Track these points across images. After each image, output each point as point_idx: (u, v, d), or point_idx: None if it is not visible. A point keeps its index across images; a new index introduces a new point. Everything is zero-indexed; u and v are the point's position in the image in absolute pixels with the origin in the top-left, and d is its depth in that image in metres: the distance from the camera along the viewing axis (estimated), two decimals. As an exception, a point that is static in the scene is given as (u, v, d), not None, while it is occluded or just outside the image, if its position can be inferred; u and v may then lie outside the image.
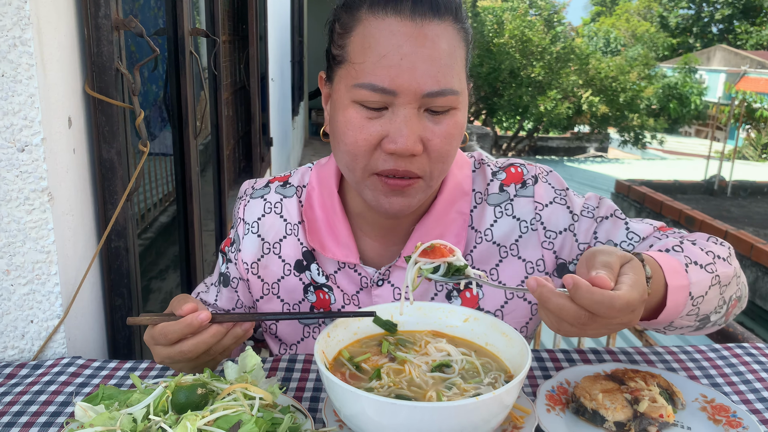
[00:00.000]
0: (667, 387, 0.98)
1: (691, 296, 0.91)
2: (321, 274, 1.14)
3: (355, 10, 0.96)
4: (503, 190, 1.14)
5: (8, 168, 1.05)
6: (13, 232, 1.08)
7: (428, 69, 0.91)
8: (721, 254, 1.00)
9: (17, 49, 1.01)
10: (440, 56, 0.92)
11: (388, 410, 0.75)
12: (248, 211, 1.19)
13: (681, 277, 0.91)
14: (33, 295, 1.12)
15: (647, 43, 26.66)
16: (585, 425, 0.93)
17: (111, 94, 1.24)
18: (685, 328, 0.99)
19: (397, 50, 0.91)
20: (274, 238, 1.16)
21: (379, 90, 0.92)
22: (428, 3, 0.93)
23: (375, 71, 0.92)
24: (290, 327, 1.18)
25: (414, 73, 0.91)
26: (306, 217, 1.14)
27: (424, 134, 0.95)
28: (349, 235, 1.11)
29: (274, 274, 1.16)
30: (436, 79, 0.92)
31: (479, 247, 1.12)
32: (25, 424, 0.93)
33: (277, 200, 1.18)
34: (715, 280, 0.95)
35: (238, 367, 0.92)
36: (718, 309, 0.98)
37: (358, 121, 0.95)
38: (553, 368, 1.10)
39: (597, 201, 1.15)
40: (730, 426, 0.91)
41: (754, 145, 18.77)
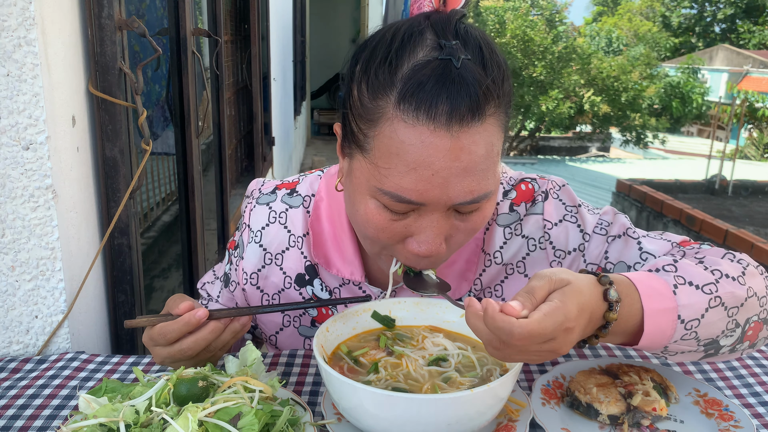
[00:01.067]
0: (661, 381, 0.99)
1: (681, 320, 0.84)
2: (324, 289, 1.11)
3: (380, 98, 0.83)
4: (513, 210, 1.09)
5: (13, 166, 1.07)
6: (18, 229, 1.10)
7: (461, 182, 0.82)
8: (731, 273, 0.89)
9: (22, 49, 1.03)
10: (477, 165, 0.82)
11: (386, 402, 0.77)
12: (253, 217, 1.15)
13: (665, 299, 0.84)
14: (37, 291, 1.14)
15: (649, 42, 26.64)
16: (579, 419, 0.94)
17: (114, 93, 1.26)
18: (688, 354, 0.90)
19: (429, 166, 0.80)
20: (276, 249, 1.12)
21: (406, 201, 0.84)
22: (467, 106, 0.79)
23: (402, 183, 0.82)
24: (291, 339, 1.17)
25: (446, 188, 0.82)
26: (312, 229, 1.10)
27: (450, 231, 0.89)
28: (355, 252, 1.07)
29: (274, 285, 1.13)
30: (469, 190, 0.83)
31: (488, 270, 1.09)
32: (30, 417, 0.94)
33: (282, 210, 1.12)
34: (716, 302, 0.85)
35: (239, 362, 0.94)
36: (728, 333, 0.88)
37: (380, 222, 0.88)
38: (548, 363, 1.11)
39: (612, 216, 1.09)
40: (722, 419, 0.93)
41: (756, 144, 18.76)
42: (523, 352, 0.75)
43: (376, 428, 0.81)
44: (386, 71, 0.82)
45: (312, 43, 11.14)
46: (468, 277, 1.08)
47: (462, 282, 1.08)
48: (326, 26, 12.02)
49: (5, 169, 1.07)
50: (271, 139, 4.91)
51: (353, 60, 0.90)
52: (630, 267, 1.04)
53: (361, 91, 0.85)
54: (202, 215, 2.21)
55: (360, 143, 0.87)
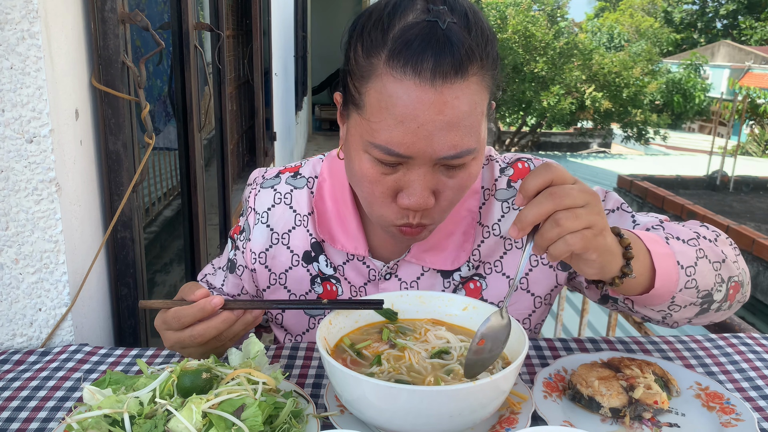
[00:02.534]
0: (663, 375, 1.00)
1: (681, 265, 0.92)
2: (329, 265, 1.15)
3: (373, 56, 0.89)
4: (511, 186, 1.15)
5: (17, 159, 1.07)
6: (21, 222, 1.10)
7: (445, 136, 0.88)
8: (707, 236, 1.01)
9: (25, 41, 1.03)
10: (459, 120, 0.88)
11: (388, 394, 0.77)
12: (258, 201, 1.19)
13: (663, 246, 0.93)
14: (41, 284, 1.14)
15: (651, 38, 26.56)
16: (581, 411, 0.95)
17: (117, 87, 1.26)
18: (689, 307, 0.97)
19: (415, 119, 0.86)
20: (282, 229, 1.17)
21: (394, 154, 0.90)
22: (450, 61, 0.85)
23: (390, 136, 0.88)
24: (296, 318, 1.19)
25: (430, 140, 0.88)
26: (316, 207, 1.15)
27: (437, 187, 0.94)
28: (358, 227, 1.12)
29: (281, 264, 1.17)
30: (452, 144, 0.89)
31: (486, 242, 1.13)
32: (34, 408, 0.95)
33: (287, 191, 1.18)
34: (701, 254, 0.96)
35: (242, 354, 0.95)
36: (718, 287, 0.97)
37: (373, 175, 0.94)
38: (550, 357, 1.12)
39: (603, 194, 1.15)
40: (724, 413, 0.93)
41: (758, 140, 18.73)
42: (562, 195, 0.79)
43: (378, 420, 0.81)
44: (379, 32, 0.89)
45: (313, 38, 11.13)
46: (465, 248, 1.12)
47: (460, 252, 1.12)
48: (327, 21, 12.01)
49: (9, 162, 1.07)
50: (272, 134, 4.91)
51: (352, 26, 0.96)
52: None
53: (357, 52, 0.92)
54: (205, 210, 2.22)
55: (355, 101, 0.93)
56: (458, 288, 1.14)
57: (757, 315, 6.22)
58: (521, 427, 0.87)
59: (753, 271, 6.16)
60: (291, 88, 7.11)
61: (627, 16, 32.49)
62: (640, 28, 29.69)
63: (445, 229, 1.11)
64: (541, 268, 1.15)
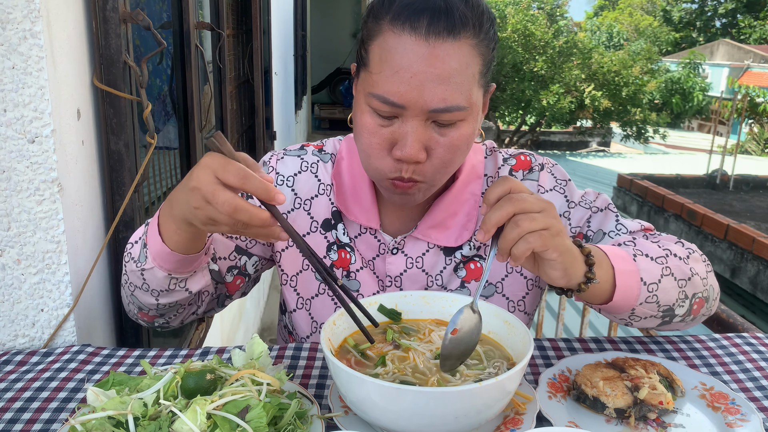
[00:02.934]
0: (667, 375, 0.99)
1: (643, 282, 0.99)
2: (345, 234, 1.20)
3: (380, 18, 1.01)
4: (512, 174, 1.22)
5: (19, 159, 1.07)
6: (23, 222, 1.10)
7: (435, 88, 0.96)
8: (679, 254, 1.07)
9: (27, 41, 1.03)
10: (449, 76, 0.97)
11: (393, 395, 0.77)
12: (281, 165, 1.24)
13: (628, 263, 0.99)
14: (43, 284, 1.14)
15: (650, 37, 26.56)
16: (586, 412, 0.95)
17: (119, 86, 1.25)
18: (649, 319, 1.05)
19: (408, 69, 0.96)
20: (306, 195, 1.22)
21: (389, 103, 0.98)
22: (444, 23, 0.96)
23: (387, 85, 0.98)
24: (308, 282, 1.23)
25: (422, 91, 0.96)
26: (335, 180, 1.22)
27: (429, 144, 1.01)
28: (372, 202, 1.18)
29: (300, 228, 1.21)
30: (442, 97, 0.97)
31: None
32: (37, 409, 0.95)
33: (314, 161, 1.25)
34: (667, 271, 1.02)
35: (246, 355, 0.94)
36: (680, 302, 1.04)
37: (371, 126, 1.02)
38: (554, 357, 1.11)
39: (594, 195, 1.24)
40: (729, 413, 0.93)
41: (757, 139, 18.72)
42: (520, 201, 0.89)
43: (383, 421, 0.81)
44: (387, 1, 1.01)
45: (313, 37, 11.12)
46: (468, 227, 1.19)
47: (463, 231, 1.19)
48: (327, 21, 12.00)
49: (11, 162, 1.07)
50: (272, 133, 4.89)
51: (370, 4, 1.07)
52: (605, 233, 1.19)
53: (368, 19, 1.04)
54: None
55: (363, 61, 1.04)
56: (459, 266, 1.20)
57: (757, 314, 6.23)
58: (526, 427, 0.86)
59: (753, 270, 6.16)
60: (291, 88, 7.10)
61: (626, 15, 32.49)
62: (640, 26, 29.69)
63: (450, 209, 1.18)
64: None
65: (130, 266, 1.07)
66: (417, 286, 1.19)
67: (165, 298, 1.08)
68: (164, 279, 1.04)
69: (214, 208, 0.85)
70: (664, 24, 33.94)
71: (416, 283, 1.19)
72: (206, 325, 2.24)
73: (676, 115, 22.27)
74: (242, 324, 3.51)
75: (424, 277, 1.19)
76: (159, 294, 1.07)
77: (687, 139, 22.00)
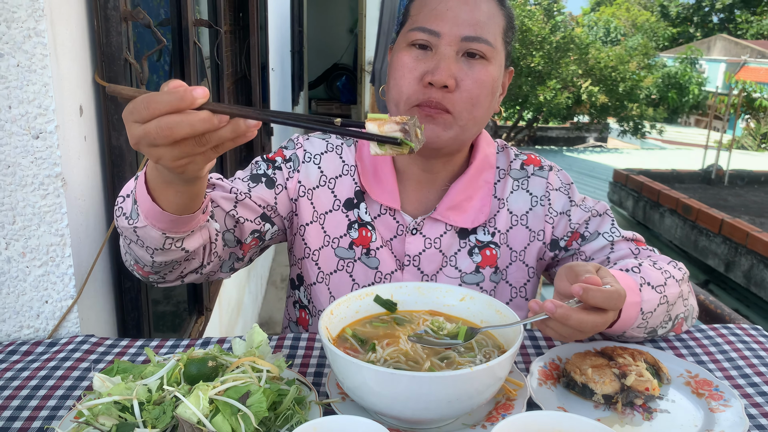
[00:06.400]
0: (654, 363, 1.03)
1: (641, 312, 1.05)
2: (367, 213, 1.26)
3: None
4: (523, 168, 1.32)
5: (23, 154, 1.10)
6: (28, 216, 1.13)
7: (467, 18, 1.12)
8: (675, 276, 1.14)
9: (32, 40, 1.05)
10: (479, 14, 1.13)
11: (389, 380, 0.80)
12: (309, 144, 1.30)
13: (635, 294, 1.04)
14: (47, 277, 1.17)
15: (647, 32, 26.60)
16: (575, 398, 0.98)
17: (120, 83, 1.28)
18: (635, 338, 1.13)
19: (445, 3, 1.13)
20: (332, 174, 1.28)
21: (427, 31, 1.12)
22: None
23: (425, 18, 1.14)
24: (327, 258, 1.27)
25: (456, 20, 1.12)
26: (358, 162, 1.28)
27: (458, 74, 1.12)
28: (394, 183, 1.25)
29: (323, 204, 1.27)
30: (473, 27, 1.12)
31: (501, 213, 1.28)
32: (44, 397, 0.98)
33: (339, 143, 1.31)
34: (663, 300, 1.08)
35: (246, 344, 0.97)
36: (663, 324, 1.12)
37: (409, 62, 1.14)
38: (545, 347, 1.15)
39: (594, 202, 1.32)
40: (712, 399, 0.96)
41: (753, 135, 18.78)
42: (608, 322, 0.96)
43: (379, 406, 0.84)
44: None
45: (309, 33, 11.11)
46: (483, 210, 1.26)
47: (479, 214, 1.26)
48: (324, 16, 11.98)
49: (16, 157, 1.10)
50: (269, 129, 4.91)
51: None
52: (600, 234, 1.26)
53: None
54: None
55: (403, 20, 1.20)
56: (474, 250, 1.26)
57: (751, 308, 6.27)
58: (517, 413, 0.89)
59: (746, 264, 6.21)
60: (288, 83, 7.11)
61: (623, 10, 32.49)
62: (637, 22, 29.70)
63: (466, 193, 1.25)
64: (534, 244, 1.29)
65: (122, 222, 0.98)
66: (434, 266, 1.24)
67: (160, 256, 1.01)
68: (159, 237, 0.95)
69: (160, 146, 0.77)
70: (661, 19, 33.97)
71: (433, 263, 1.24)
72: (205, 318, 2.27)
73: (672, 111, 22.32)
74: (240, 319, 3.54)
75: (440, 257, 1.25)
76: (154, 252, 0.99)
77: (683, 134, 22.05)
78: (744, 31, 34.85)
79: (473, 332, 0.96)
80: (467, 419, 0.91)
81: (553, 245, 1.29)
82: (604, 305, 0.92)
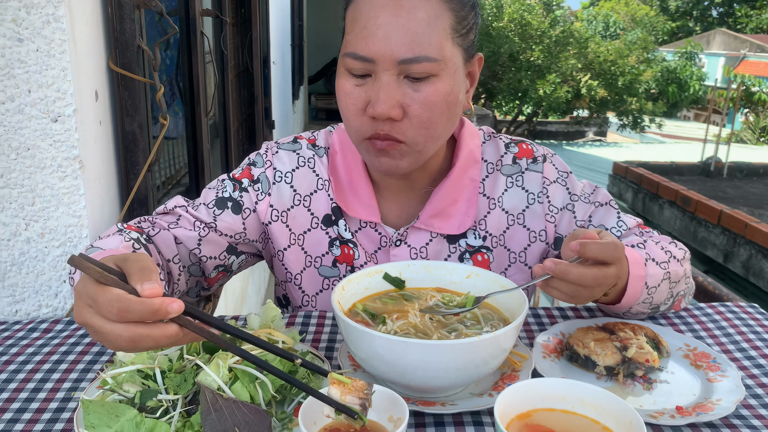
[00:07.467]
0: (654, 337, 1.06)
1: (646, 286, 1.05)
2: (347, 230, 1.20)
3: None
4: (516, 163, 1.23)
5: (42, 137, 1.13)
6: (47, 198, 1.16)
7: (402, 37, 0.98)
8: (677, 255, 1.14)
9: (51, 25, 1.09)
10: (416, 26, 0.98)
11: (400, 349, 0.84)
12: (278, 161, 1.22)
13: (640, 268, 1.04)
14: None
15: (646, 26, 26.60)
16: (578, 370, 1.01)
17: (133, 69, 1.31)
18: (638, 314, 1.14)
19: (375, 21, 0.98)
20: (305, 191, 1.22)
21: (359, 58, 1.00)
22: None
23: (357, 41, 1.00)
24: (311, 279, 1.23)
25: (389, 41, 0.98)
26: (332, 176, 1.21)
27: (403, 100, 1.01)
28: (371, 195, 1.19)
29: (300, 225, 1.22)
30: (410, 47, 0.98)
31: (492, 213, 1.22)
32: (65, 370, 1.01)
33: (310, 156, 1.23)
34: (666, 276, 1.09)
35: (260, 318, 1.01)
36: (666, 301, 1.14)
37: (347, 87, 1.04)
38: (549, 323, 1.18)
39: (592, 188, 1.26)
40: (710, 370, 1.00)
41: (752, 128, 18.81)
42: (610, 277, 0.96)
43: (390, 375, 0.88)
44: None
45: (309, 27, 11.12)
46: (469, 213, 1.20)
47: (465, 218, 1.20)
48: (323, 11, 11.98)
49: (35, 140, 1.13)
50: (271, 122, 4.94)
51: None
52: (608, 230, 1.22)
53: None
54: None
55: (342, 31, 1.06)
56: (465, 256, 1.21)
57: (749, 298, 6.31)
58: (522, 382, 0.93)
59: (745, 254, 6.27)
60: (288, 77, 7.14)
61: (622, 4, 32.46)
62: (636, 16, 29.69)
63: (450, 197, 1.18)
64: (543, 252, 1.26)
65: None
66: None
67: None
68: None
69: (110, 342, 0.72)
70: (661, 13, 33.95)
71: None
72: (213, 304, 2.31)
73: (672, 105, 22.34)
74: (245, 307, 3.58)
75: None
76: None
77: (683, 128, 22.07)
78: (744, 25, 34.84)
79: (481, 299, 1.00)
80: (474, 389, 0.94)
81: (557, 243, 1.24)
82: (602, 256, 0.93)
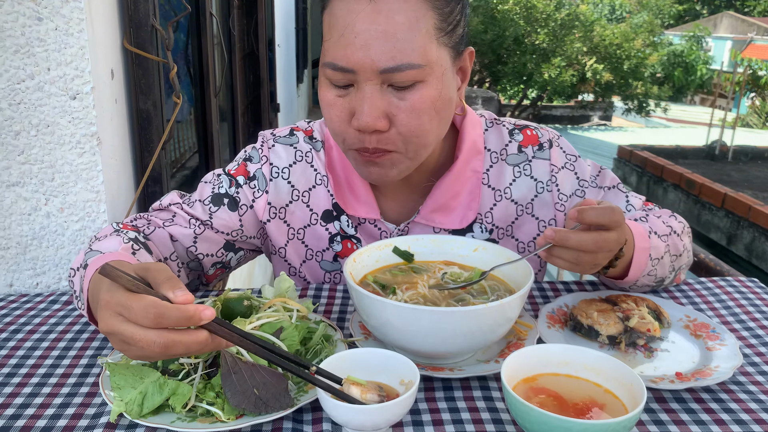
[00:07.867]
0: (655, 308, 1.10)
1: (650, 257, 1.07)
2: (350, 225, 1.19)
3: None
4: (522, 151, 1.20)
5: (62, 114, 1.16)
6: (66, 173, 1.20)
7: (381, 44, 0.91)
8: (677, 229, 1.16)
9: (69, 4, 1.11)
10: (395, 31, 0.91)
11: (410, 315, 0.87)
12: (274, 155, 1.19)
13: (644, 240, 1.06)
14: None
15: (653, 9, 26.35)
16: (581, 339, 1.05)
17: (147, 49, 1.34)
18: (643, 287, 1.16)
19: (352, 29, 0.92)
20: (304, 187, 1.19)
21: (339, 69, 0.94)
22: None
23: (335, 51, 0.94)
24: (313, 270, 1.24)
25: (368, 49, 0.92)
26: (330, 173, 1.19)
27: (389, 110, 0.96)
28: (368, 192, 1.16)
29: (300, 220, 1.20)
30: (391, 55, 0.92)
31: (499, 205, 1.20)
32: (87, 339, 1.05)
33: (307, 150, 1.20)
34: (667, 249, 1.11)
35: (274, 289, 1.05)
36: (669, 273, 1.16)
37: (330, 98, 0.99)
38: (553, 297, 1.22)
39: (598, 170, 1.25)
40: (709, 339, 1.03)
41: (758, 112, 18.72)
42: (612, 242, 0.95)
43: (401, 341, 0.91)
44: None
45: (313, 10, 11.08)
46: (472, 206, 1.18)
47: (467, 211, 1.18)
48: None
49: (54, 117, 1.16)
50: (276, 105, 4.96)
51: None
52: None
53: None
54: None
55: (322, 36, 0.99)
56: None
57: (752, 281, 6.35)
58: (527, 349, 0.97)
59: (748, 237, 6.29)
60: (293, 60, 7.14)
61: (629, -13, 32.13)
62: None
63: (452, 190, 1.16)
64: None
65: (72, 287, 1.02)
66: None
67: None
68: None
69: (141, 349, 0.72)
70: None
71: None
72: (223, 282, 2.35)
73: (678, 89, 22.21)
74: (252, 288, 3.63)
75: None
76: None
77: (689, 112, 21.96)
78: (751, 8, 34.49)
79: (486, 273, 1.03)
80: (481, 356, 0.98)
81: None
82: (600, 220, 0.92)
